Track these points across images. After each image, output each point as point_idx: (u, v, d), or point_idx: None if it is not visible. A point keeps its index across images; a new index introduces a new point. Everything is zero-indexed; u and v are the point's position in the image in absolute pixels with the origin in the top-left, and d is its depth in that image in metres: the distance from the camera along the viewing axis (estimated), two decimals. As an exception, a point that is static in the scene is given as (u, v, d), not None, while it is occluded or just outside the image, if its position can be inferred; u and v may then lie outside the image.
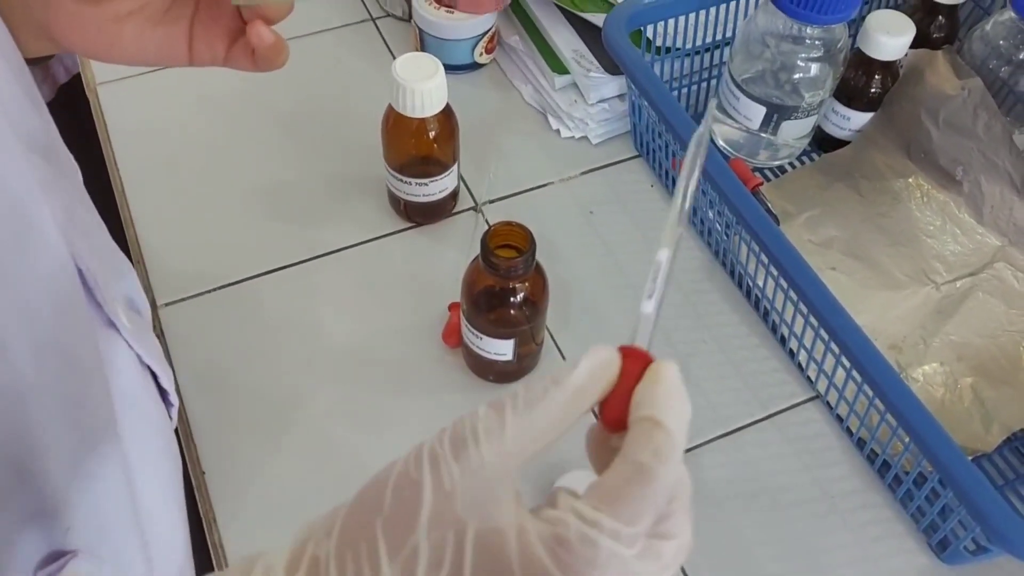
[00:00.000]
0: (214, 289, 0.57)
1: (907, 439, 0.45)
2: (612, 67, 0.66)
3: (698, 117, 0.68)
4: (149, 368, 0.38)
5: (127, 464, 0.34)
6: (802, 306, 0.50)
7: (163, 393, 0.40)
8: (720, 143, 0.66)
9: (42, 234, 0.29)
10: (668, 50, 0.64)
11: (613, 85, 0.66)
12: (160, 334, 0.55)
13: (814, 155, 0.66)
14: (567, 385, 0.24)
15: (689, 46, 0.64)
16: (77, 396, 0.30)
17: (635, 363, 0.24)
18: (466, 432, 0.23)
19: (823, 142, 0.65)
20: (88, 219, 0.36)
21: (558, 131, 0.68)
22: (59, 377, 0.29)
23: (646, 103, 0.60)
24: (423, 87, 0.52)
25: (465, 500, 0.22)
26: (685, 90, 0.67)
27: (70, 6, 0.34)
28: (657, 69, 0.64)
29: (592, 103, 0.67)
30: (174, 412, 0.41)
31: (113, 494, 0.33)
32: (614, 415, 0.24)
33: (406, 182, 0.58)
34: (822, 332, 0.48)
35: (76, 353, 0.30)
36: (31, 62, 0.36)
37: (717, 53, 0.66)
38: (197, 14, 0.37)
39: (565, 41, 0.69)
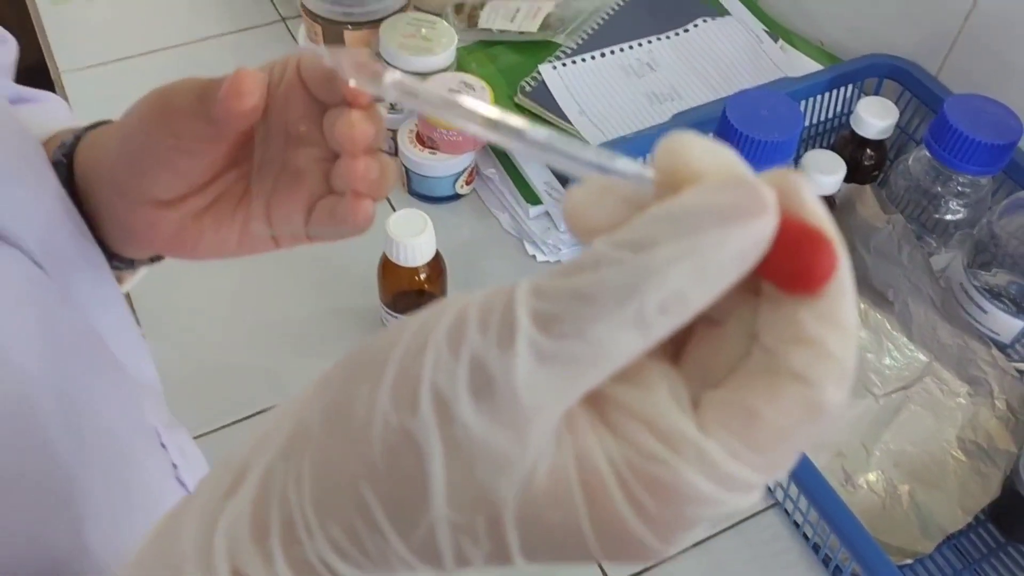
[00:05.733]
0: (227, 425, 0.63)
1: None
2: (581, 198, 0.73)
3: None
4: None
5: None
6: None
7: None
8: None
9: (149, 430, 0.32)
10: (630, 183, 0.72)
11: (582, 215, 0.73)
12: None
13: (765, 271, 0.73)
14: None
15: (649, 178, 0.72)
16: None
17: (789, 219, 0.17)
18: (494, 362, 0.16)
19: (773, 259, 0.73)
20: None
21: (534, 256, 0.75)
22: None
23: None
24: (414, 241, 0.59)
25: (493, 467, 0.16)
26: (647, 216, 0.74)
27: (148, 212, 0.34)
28: (621, 200, 0.72)
29: (564, 231, 0.74)
30: None
31: None
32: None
33: (399, 319, 0.64)
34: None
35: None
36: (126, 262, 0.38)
37: (674, 182, 0.74)
38: (274, 195, 0.34)
39: (537, 174, 0.76)
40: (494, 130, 0.22)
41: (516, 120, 0.21)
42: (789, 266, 0.17)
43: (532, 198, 0.75)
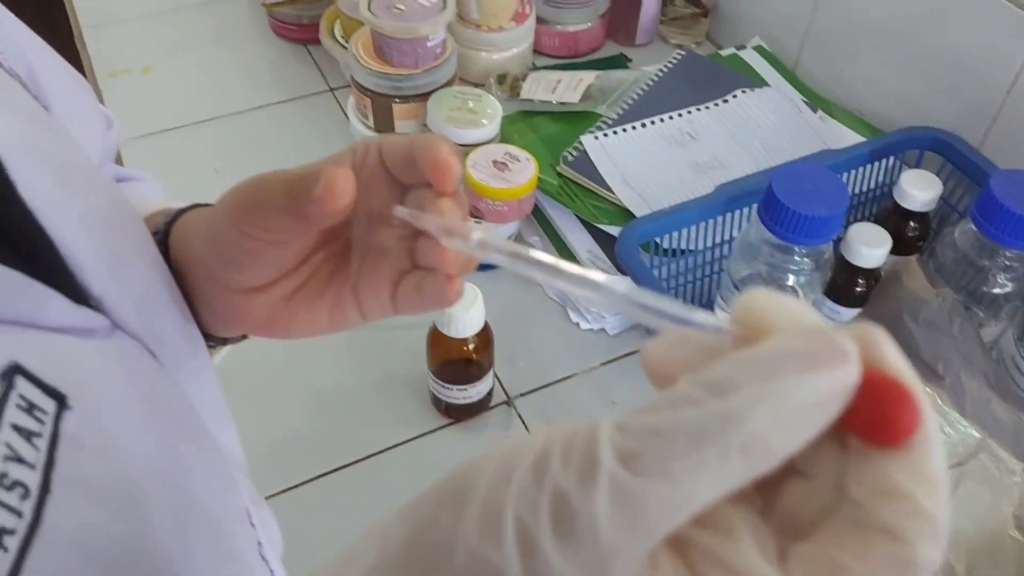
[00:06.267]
0: (277, 494, 0.63)
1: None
2: (622, 267, 0.74)
3: (707, 306, 0.76)
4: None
5: None
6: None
7: None
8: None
9: (242, 511, 0.33)
10: (675, 252, 0.72)
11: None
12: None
13: (810, 340, 0.73)
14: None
15: (694, 248, 0.73)
16: None
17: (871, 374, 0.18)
18: (576, 496, 0.17)
19: (817, 329, 0.73)
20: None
21: (578, 324, 0.75)
22: None
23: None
24: (465, 314, 0.60)
25: None
26: (691, 285, 0.75)
27: (239, 298, 0.35)
28: (665, 269, 0.72)
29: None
30: None
31: None
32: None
33: (448, 388, 0.65)
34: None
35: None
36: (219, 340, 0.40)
37: (719, 250, 0.74)
38: (360, 273, 0.34)
39: (580, 243, 0.77)
40: (576, 284, 0.23)
41: (596, 275, 0.23)
42: (873, 419, 0.17)
43: (576, 267, 0.76)
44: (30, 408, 0.24)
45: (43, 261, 0.27)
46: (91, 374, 0.26)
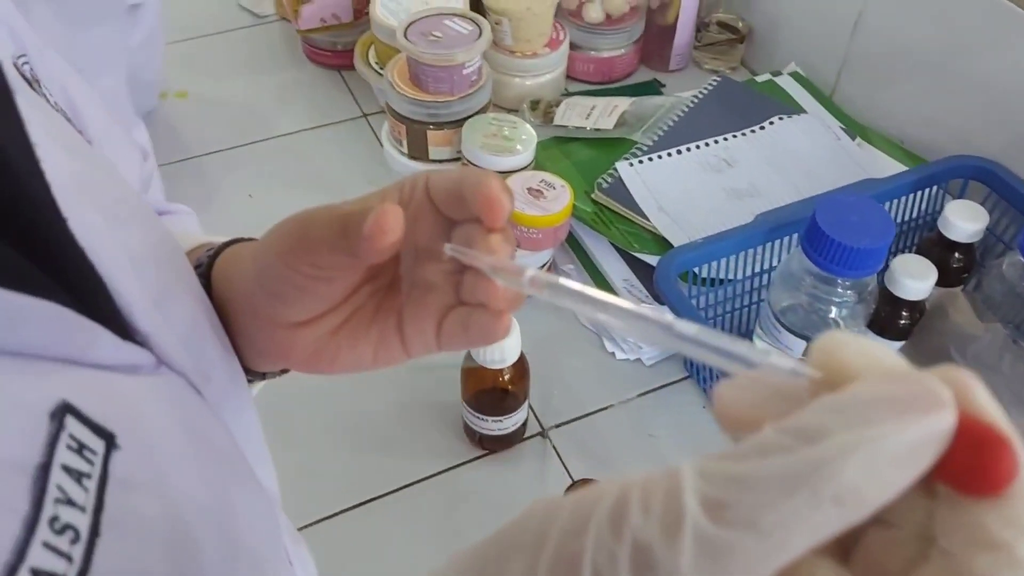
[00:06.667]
0: (308, 525, 0.62)
1: None
2: (660, 296, 0.73)
3: (745, 336, 0.75)
4: None
5: None
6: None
7: None
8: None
9: (282, 548, 0.32)
10: (713, 282, 0.71)
11: (663, 313, 0.73)
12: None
13: (851, 373, 0.71)
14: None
15: (733, 277, 0.71)
16: None
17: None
18: (658, 546, 0.16)
19: (859, 362, 0.71)
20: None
21: (613, 353, 0.74)
22: None
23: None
24: (500, 344, 0.59)
25: None
26: (729, 315, 0.74)
27: (285, 333, 0.34)
28: (703, 299, 0.71)
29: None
30: None
31: None
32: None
33: (483, 419, 0.64)
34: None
35: None
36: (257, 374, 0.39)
37: (759, 279, 0.73)
38: (405, 309, 0.34)
39: (616, 271, 0.76)
40: (638, 324, 0.22)
41: (663, 315, 0.21)
42: (970, 467, 0.16)
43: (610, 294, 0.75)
44: (80, 448, 0.23)
45: (92, 297, 0.27)
46: (138, 412, 0.26)
